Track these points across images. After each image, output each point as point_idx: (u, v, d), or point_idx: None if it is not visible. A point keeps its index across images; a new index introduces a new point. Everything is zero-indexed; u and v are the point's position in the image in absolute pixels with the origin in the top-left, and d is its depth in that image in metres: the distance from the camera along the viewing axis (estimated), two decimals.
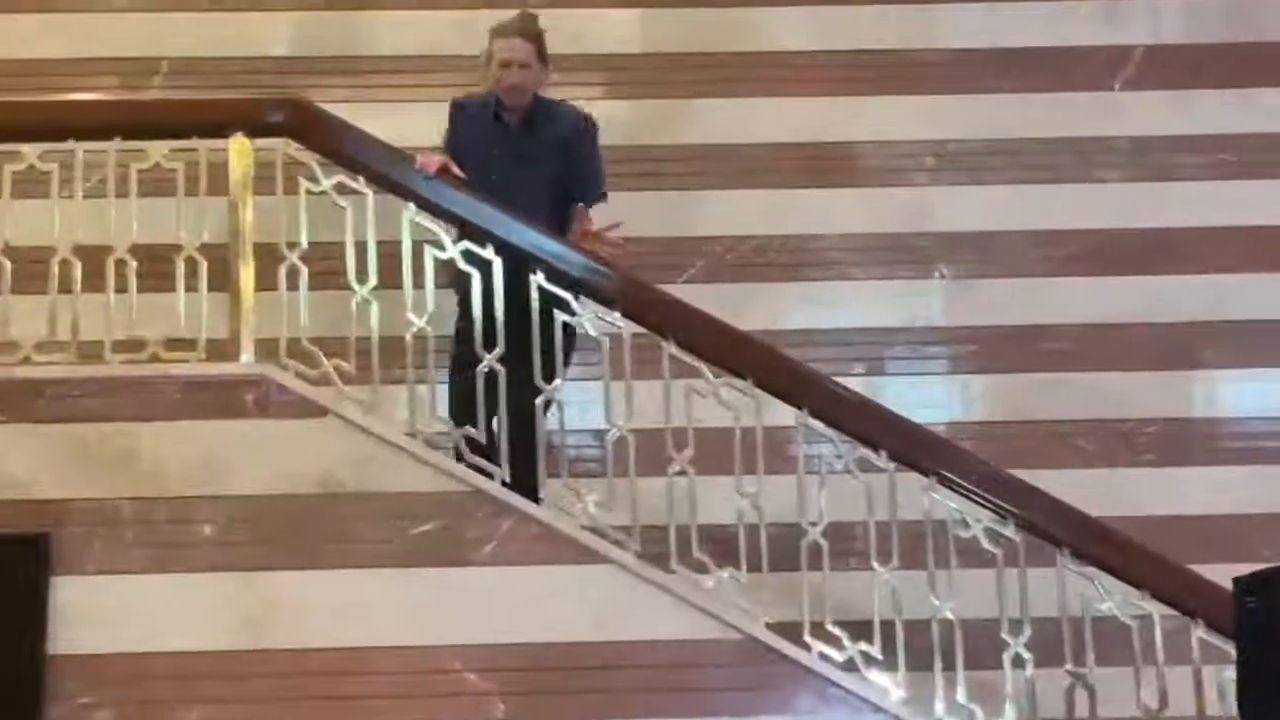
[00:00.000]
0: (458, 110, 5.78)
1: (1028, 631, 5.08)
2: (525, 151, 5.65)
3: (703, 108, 6.68)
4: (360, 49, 6.61)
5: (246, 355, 5.10)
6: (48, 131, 5.15)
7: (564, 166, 5.66)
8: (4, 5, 6.53)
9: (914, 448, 5.24)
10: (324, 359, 5.11)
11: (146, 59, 6.42)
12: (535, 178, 5.60)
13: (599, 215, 5.60)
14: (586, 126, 5.77)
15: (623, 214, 6.07)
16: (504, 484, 5.07)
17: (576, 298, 5.23)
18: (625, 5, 6.77)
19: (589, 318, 5.22)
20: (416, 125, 6.17)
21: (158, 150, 5.15)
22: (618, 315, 5.21)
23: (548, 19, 5.75)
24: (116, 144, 5.13)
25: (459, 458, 5.13)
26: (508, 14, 5.73)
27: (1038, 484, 5.29)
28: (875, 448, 5.19)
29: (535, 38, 5.67)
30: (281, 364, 5.12)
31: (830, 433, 5.21)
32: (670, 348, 5.18)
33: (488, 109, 5.71)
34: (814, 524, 5.11)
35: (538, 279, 5.19)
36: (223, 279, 5.16)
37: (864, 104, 6.71)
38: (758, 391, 5.19)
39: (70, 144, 5.12)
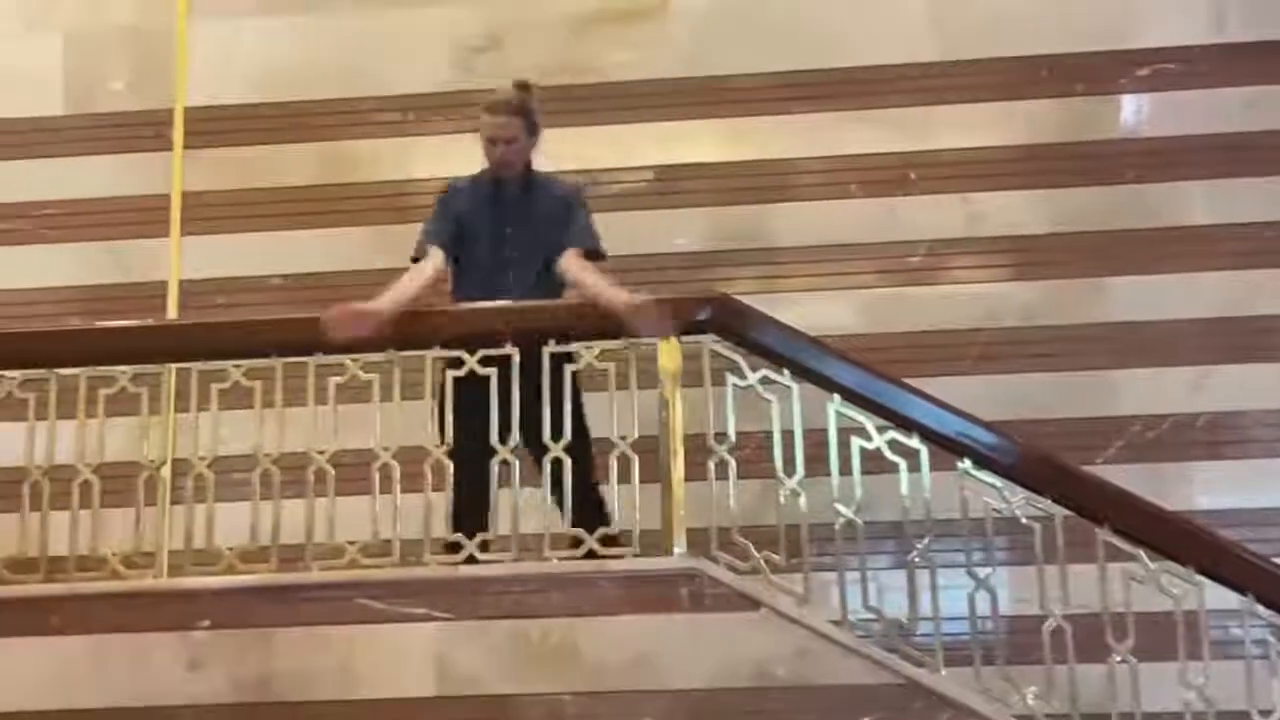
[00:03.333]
0: (451, 192, 5.85)
1: None
2: (524, 213, 5.73)
3: (1112, 286, 6.62)
4: (770, 239, 6.71)
5: (679, 548, 5.13)
6: (481, 338, 5.32)
7: (557, 229, 5.69)
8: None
9: None
10: (754, 551, 5.13)
11: None
12: (533, 239, 5.68)
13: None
14: (578, 192, 5.85)
15: (1038, 395, 6.04)
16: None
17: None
18: (1027, 186, 6.74)
19: (1019, 503, 5.14)
20: (826, 313, 6.31)
21: (590, 352, 5.30)
22: (1049, 500, 5.13)
23: (946, 204, 5.69)
24: (551, 347, 5.28)
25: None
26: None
27: None
28: None
29: (522, 112, 5.72)
30: (713, 556, 5.15)
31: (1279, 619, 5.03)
32: (1105, 534, 5.08)
33: (486, 179, 5.80)
34: (1267, 712, 4.92)
35: (964, 465, 5.18)
36: (651, 471, 5.21)
37: None
38: (1199, 577, 5.04)
39: (508, 349, 5.28)
